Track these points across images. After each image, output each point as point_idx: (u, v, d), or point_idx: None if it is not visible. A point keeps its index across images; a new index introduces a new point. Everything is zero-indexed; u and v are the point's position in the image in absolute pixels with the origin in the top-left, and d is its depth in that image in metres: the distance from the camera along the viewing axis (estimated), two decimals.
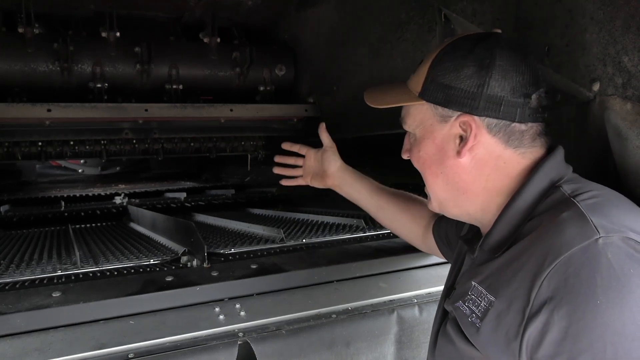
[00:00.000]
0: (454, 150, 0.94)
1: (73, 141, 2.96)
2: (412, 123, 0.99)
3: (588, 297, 0.73)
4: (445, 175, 0.96)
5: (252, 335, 1.21)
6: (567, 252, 0.76)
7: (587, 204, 0.82)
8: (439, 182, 0.98)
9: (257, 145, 3.51)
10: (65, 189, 3.82)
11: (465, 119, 0.91)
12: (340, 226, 2.05)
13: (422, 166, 1.00)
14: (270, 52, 3.14)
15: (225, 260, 1.57)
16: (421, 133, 0.98)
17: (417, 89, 0.96)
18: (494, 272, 0.89)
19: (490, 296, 0.87)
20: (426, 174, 1.00)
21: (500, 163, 0.93)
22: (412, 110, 0.99)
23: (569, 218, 0.80)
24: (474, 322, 0.88)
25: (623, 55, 1.03)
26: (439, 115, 0.94)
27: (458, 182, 0.96)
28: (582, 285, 0.73)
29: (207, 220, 2.47)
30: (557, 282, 0.75)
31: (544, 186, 0.90)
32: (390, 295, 1.42)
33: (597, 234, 0.76)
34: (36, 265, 1.59)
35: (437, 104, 0.94)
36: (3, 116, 2.42)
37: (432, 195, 1.02)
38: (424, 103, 0.95)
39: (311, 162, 1.56)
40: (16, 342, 1.10)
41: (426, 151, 0.97)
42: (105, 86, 2.74)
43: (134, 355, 1.11)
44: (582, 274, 0.74)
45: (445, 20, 1.70)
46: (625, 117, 1.02)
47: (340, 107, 2.77)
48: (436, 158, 0.96)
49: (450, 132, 0.94)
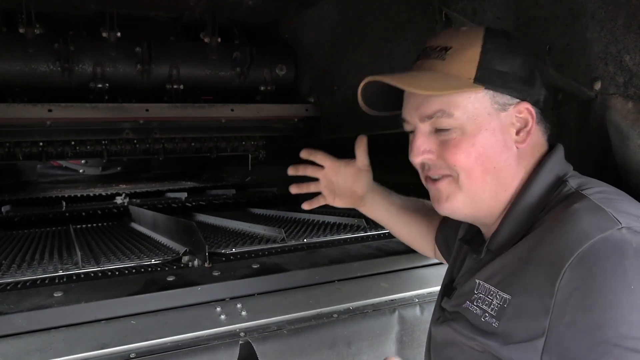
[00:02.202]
0: (512, 140, 0.88)
1: (74, 141, 2.97)
2: (462, 114, 0.87)
3: (620, 283, 0.71)
4: (497, 170, 0.89)
5: (253, 335, 1.21)
6: (588, 242, 0.74)
7: (597, 197, 0.81)
8: (487, 179, 0.89)
9: (258, 145, 3.52)
10: (66, 189, 3.82)
11: (525, 106, 0.88)
12: (341, 226, 2.05)
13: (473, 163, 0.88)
14: (270, 52, 3.14)
15: (227, 260, 1.57)
16: (475, 125, 0.87)
17: (467, 75, 0.87)
18: (503, 268, 0.87)
19: (503, 294, 0.84)
20: (474, 172, 0.89)
21: (536, 153, 0.91)
22: (460, 100, 0.87)
23: (582, 209, 0.79)
24: (488, 322, 0.85)
25: (624, 54, 1.03)
26: (497, 103, 0.87)
27: (505, 177, 0.90)
28: (610, 274, 0.72)
29: (208, 220, 2.47)
30: (581, 272, 0.73)
31: (550, 181, 0.89)
32: (392, 295, 1.42)
33: (619, 223, 0.75)
34: (37, 266, 1.59)
35: (498, 90, 0.87)
36: (4, 116, 2.43)
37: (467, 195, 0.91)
38: (480, 90, 0.86)
39: (335, 177, 1.29)
40: (18, 342, 1.10)
41: (484, 145, 0.87)
42: (106, 86, 2.74)
43: (136, 355, 1.11)
44: (609, 262, 0.72)
45: (445, 19, 1.70)
46: (627, 116, 1.02)
47: (341, 106, 2.77)
48: (494, 151, 0.88)
49: (507, 122, 0.88)
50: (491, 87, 0.87)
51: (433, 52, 0.91)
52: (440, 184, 0.92)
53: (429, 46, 0.93)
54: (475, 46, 0.88)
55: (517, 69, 0.88)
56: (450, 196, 0.92)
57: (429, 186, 0.96)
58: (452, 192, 0.91)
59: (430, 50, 0.92)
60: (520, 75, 0.88)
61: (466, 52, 0.88)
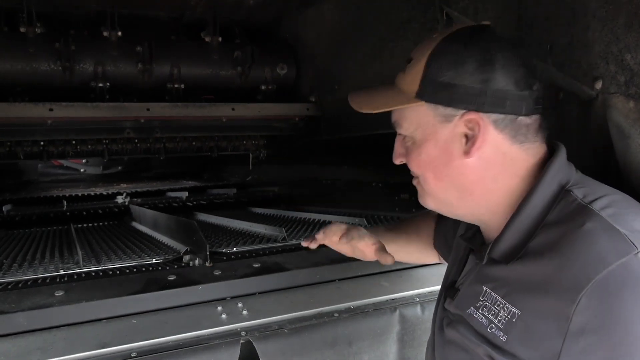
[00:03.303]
0: (460, 150, 0.89)
1: (75, 140, 2.97)
2: (409, 127, 0.92)
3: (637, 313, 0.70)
4: (450, 178, 0.91)
5: (254, 334, 1.21)
6: (605, 269, 0.72)
7: (607, 212, 0.79)
8: (443, 185, 0.93)
9: (259, 144, 3.52)
10: (67, 189, 3.83)
11: (471, 116, 0.87)
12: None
13: (424, 170, 0.93)
14: (271, 51, 3.14)
15: (228, 259, 1.57)
16: (421, 136, 0.91)
17: (411, 90, 0.90)
18: (511, 280, 0.85)
19: (511, 307, 0.83)
20: (428, 178, 0.94)
21: (507, 161, 0.89)
22: (407, 113, 0.92)
23: (594, 229, 0.77)
24: (496, 335, 0.84)
25: (626, 53, 1.02)
26: (441, 116, 0.88)
27: (464, 183, 0.91)
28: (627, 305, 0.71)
29: (209, 220, 2.47)
30: (598, 300, 0.72)
31: (553, 190, 0.87)
32: (392, 294, 1.42)
33: (635, 248, 0.73)
34: (38, 265, 1.59)
35: (438, 103, 0.88)
36: (5, 115, 2.43)
37: (433, 197, 0.96)
38: (422, 104, 0.89)
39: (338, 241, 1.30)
40: (19, 341, 1.10)
41: (428, 154, 0.91)
42: (107, 85, 2.75)
43: (137, 354, 1.11)
44: (626, 293, 0.71)
45: (446, 18, 1.70)
46: (628, 115, 1.02)
47: (342, 106, 2.75)
48: (441, 160, 0.91)
49: (454, 132, 0.88)
50: (431, 101, 0.88)
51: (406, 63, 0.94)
52: (415, 182, 0.99)
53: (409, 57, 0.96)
54: (422, 58, 0.89)
55: (464, 78, 0.86)
56: (421, 195, 0.98)
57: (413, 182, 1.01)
58: (421, 192, 0.98)
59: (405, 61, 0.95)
60: (468, 83, 0.86)
61: (416, 65, 0.90)
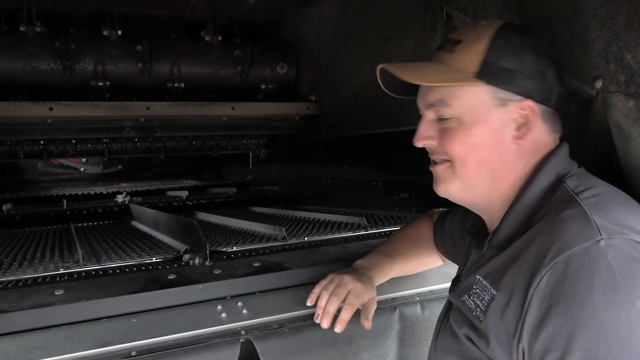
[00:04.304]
0: (509, 135, 0.91)
1: (75, 140, 2.97)
2: (460, 106, 0.91)
3: (585, 297, 0.73)
4: (492, 163, 0.92)
5: (254, 333, 1.21)
6: (568, 251, 0.76)
7: (589, 202, 0.82)
8: (482, 170, 0.93)
9: (259, 144, 3.52)
10: (67, 188, 3.82)
11: (528, 103, 0.90)
12: (342, 224, 2.05)
13: (467, 152, 0.92)
14: (271, 50, 3.14)
15: (228, 259, 1.57)
16: (472, 117, 0.91)
17: (469, 69, 0.90)
18: (497, 266, 0.90)
19: (492, 290, 0.87)
20: (469, 161, 0.93)
21: (539, 150, 0.93)
22: (461, 92, 0.91)
23: (571, 216, 0.81)
24: (477, 316, 0.89)
25: (626, 53, 1.02)
26: (498, 99, 0.90)
27: (501, 170, 0.92)
28: (579, 285, 0.74)
29: (209, 219, 2.47)
30: (555, 280, 0.76)
31: (550, 181, 0.90)
32: (392, 293, 1.42)
33: (599, 235, 0.76)
34: (39, 264, 1.59)
35: (498, 87, 0.89)
36: (5, 115, 2.43)
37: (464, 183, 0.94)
38: (480, 85, 0.90)
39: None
40: (19, 340, 1.10)
41: (478, 136, 0.91)
42: (107, 84, 2.74)
43: (137, 353, 1.11)
44: (581, 273, 0.74)
45: (447, 18, 1.70)
46: (628, 115, 1.02)
47: (342, 105, 2.77)
48: (489, 144, 0.91)
49: (506, 117, 0.90)
50: (492, 83, 0.89)
51: (447, 44, 0.95)
52: (439, 168, 0.97)
53: (447, 39, 0.97)
54: (483, 41, 0.91)
55: (525, 67, 0.89)
56: (446, 180, 0.96)
57: (431, 169, 1.00)
58: (449, 177, 0.96)
59: (445, 43, 0.96)
60: (528, 73, 0.89)
61: (473, 47, 0.91)
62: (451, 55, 0.93)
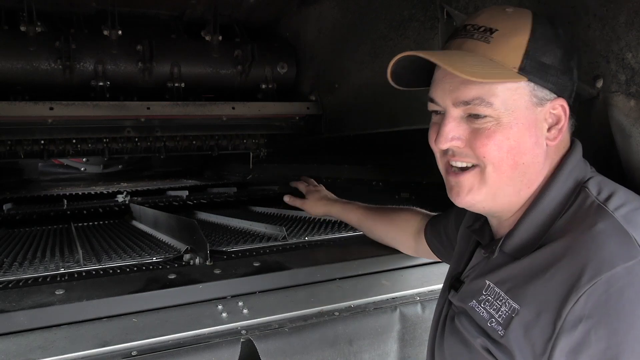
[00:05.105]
0: (543, 137, 0.84)
1: (75, 139, 2.96)
2: (501, 105, 0.81)
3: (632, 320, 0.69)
4: (525, 166, 0.84)
5: (254, 333, 1.21)
6: (610, 270, 0.72)
7: (621, 214, 0.78)
8: (514, 175, 0.85)
9: (259, 143, 3.51)
10: (68, 187, 3.82)
11: (561, 102, 0.84)
12: (342, 224, 2.04)
13: (504, 157, 0.83)
14: (272, 50, 3.14)
15: (228, 258, 1.57)
16: (511, 117, 0.82)
17: (511, 63, 0.81)
18: (515, 276, 0.84)
19: (512, 302, 0.82)
20: (503, 166, 0.84)
21: (561, 150, 0.88)
22: (500, 89, 0.81)
23: (607, 231, 0.76)
24: (494, 329, 0.84)
25: (626, 52, 1.02)
26: (537, 97, 0.82)
27: (531, 174, 0.86)
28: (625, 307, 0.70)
29: (209, 218, 2.47)
30: (596, 301, 0.71)
31: (570, 186, 0.86)
32: (393, 293, 1.42)
33: None
34: (39, 263, 1.59)
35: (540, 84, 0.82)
36: (5, 114, 2.43)
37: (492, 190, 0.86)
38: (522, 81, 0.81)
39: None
40: (19, 339, 1.10)
41: (517, 139, 0.82)
42: (107, 84, 2.74)
43: (137, 352, 1.11)
44: (626, 295, 0.70)
45: (447, 17, 1.70)
46: (629, 114, 1.02)
47: (342, 104, 2.77)
48: (526, 146, 0.83)
49: (541, 117, 0.84)
50: (533, 80, 0.82)
51: (476, 32, 0.85)
52: (464, 177, 0.87)
53: (471, 24, 0.87)
54: (523, 33, 0.82)
55: (558, 62, 0.83)
56: (473, 189, 0.87)
57: (449, 177, 0.90)
58: (476, 185, 0.86)
59: (472, 30, 0.85)
60: (560, 68, 0.83)
61: (513, 38, 0.82)
62: (487, 46, 0.82)
